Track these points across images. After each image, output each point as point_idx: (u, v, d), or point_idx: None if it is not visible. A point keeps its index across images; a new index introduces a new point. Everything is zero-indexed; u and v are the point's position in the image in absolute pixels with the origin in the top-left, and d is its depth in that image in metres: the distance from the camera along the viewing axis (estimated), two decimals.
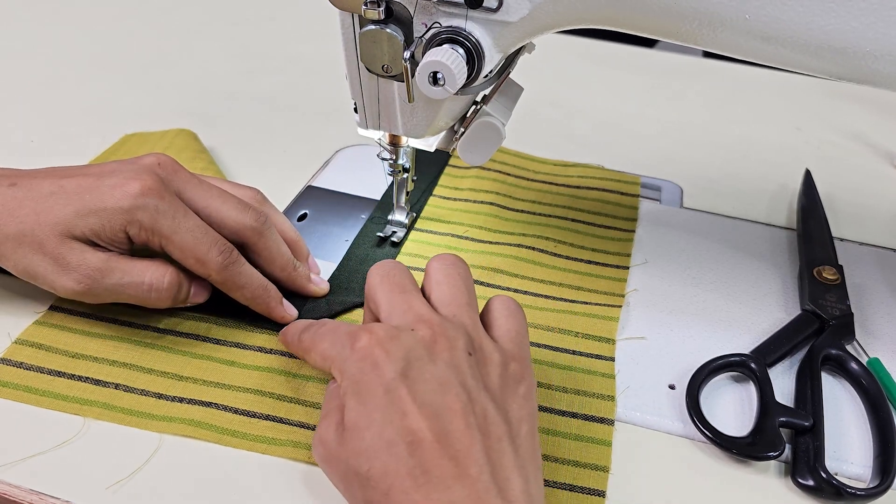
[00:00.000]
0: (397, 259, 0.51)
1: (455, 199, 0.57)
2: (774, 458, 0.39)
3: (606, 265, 0.52)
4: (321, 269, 0.49)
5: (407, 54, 0.38)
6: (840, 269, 0.51)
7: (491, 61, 0.39)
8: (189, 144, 0.59)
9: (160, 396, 0.40)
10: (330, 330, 0.37)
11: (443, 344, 0.34)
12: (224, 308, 0.44)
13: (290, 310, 0.44)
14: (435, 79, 0.37)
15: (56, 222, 0.39)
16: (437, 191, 0.58)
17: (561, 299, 0.49)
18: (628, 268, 0.52)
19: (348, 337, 0.34)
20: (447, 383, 0.32)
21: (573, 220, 0.56)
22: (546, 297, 0.49)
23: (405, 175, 0.50)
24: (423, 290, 0.38)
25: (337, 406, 0.34)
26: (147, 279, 0.41)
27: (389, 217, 0.53)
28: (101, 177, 0.41)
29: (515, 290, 0.49)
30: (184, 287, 0.42)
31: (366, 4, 0.38)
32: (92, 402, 0.39)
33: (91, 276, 0.40)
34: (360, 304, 0.47)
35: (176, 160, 0.43)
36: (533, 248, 0.52)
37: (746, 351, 0.45)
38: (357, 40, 0.41)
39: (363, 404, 0.32)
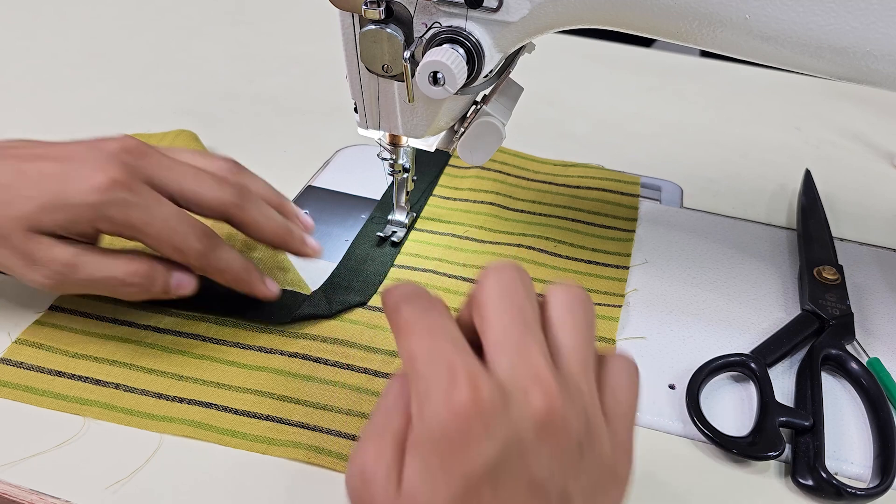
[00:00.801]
0: (397, 259, 0.51)
1: (455, 199, 0.57)
2: (774, 458, 0.39)
3: (606, 265, 0.52)
4: (321, 269, 0.49)
5: (407, 54, 0.38)
6: (840, 269, 0.51)
7: (491, 61, 0.39)
8: (189, 145, 0.59)
9: (160, 396, 0.40)
10: (431, 330, 0.28)
11: (555, 426, 0.27)
12: (216, 305, 0.44)
13: (271, 285, 0.44)
14: (435, 79, 0.37)
15: (20, 216, 0.37)
16: (437, 191, 0.58)
17: None
18: (628, 268, 0.52)
19: (448, 369, 0.26)
20: (540, 490, 0.26)
21: (573, 220, 0.56)
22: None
23: (405, 175, 0.50)
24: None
25: (400, 428, 0.27)
26: (119, 273, 0.39)
27: (389, 217, 0.53)
28: (63, 161, 0.38)
29: None
30: (158, 280, 0.40)
31: (366, 4, 0.38)
32: (92, 402, 0.39)
33: (60, 272, 0.38)
34: (362, 304, 0.47)
35: (143, 141, 0.41)
36: (533, 248, 0.52)
37: (746, 351, 0.45)
38: (357, 40, 0.41)
39: (434, 476, 0.26)
